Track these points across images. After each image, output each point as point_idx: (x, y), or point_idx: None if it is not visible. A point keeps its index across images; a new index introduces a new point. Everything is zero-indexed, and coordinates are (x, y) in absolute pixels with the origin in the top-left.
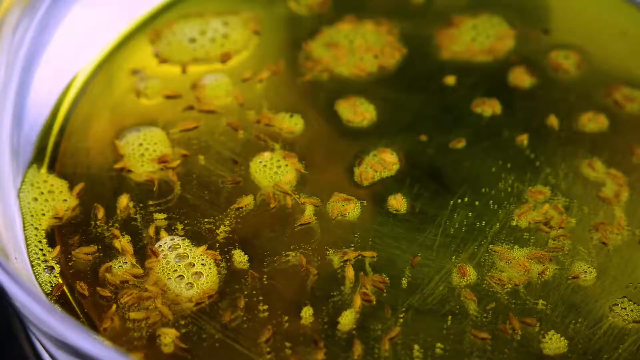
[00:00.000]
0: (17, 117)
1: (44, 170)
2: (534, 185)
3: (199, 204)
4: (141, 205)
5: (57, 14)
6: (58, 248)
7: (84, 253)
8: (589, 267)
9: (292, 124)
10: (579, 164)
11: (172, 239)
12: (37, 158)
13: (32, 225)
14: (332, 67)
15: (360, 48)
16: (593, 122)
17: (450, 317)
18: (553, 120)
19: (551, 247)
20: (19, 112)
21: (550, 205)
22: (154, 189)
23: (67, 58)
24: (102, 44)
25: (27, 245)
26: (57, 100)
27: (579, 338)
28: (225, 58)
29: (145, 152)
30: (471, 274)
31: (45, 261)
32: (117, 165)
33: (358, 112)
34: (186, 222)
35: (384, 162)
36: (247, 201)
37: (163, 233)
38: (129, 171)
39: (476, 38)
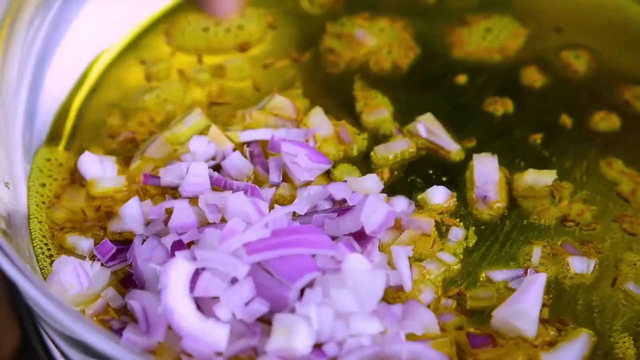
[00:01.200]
0: (29, 114)
1: (56, 167)
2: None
3: None
4: None
5: (70, 10)
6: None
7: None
8: (602, 263)
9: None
10: (596, 163)
11: None
12: (49, 155)
13: (46, 223)
14: (348, 63)
15: (375, 45)
16: (605, 121)
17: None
18: (565, 120)
19: (568, 243)
20: (31, 109)
21: (569, 202)
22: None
23: (80, 54)
24: (115, 40)
25: (36, 243)
26: (69, 97)
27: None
28: (245, 47)
29: None
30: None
31: (51, 256)
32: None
33: (372, 104)
34: None
35: None
36: None
37: None
38: None
39: (488, 37)
